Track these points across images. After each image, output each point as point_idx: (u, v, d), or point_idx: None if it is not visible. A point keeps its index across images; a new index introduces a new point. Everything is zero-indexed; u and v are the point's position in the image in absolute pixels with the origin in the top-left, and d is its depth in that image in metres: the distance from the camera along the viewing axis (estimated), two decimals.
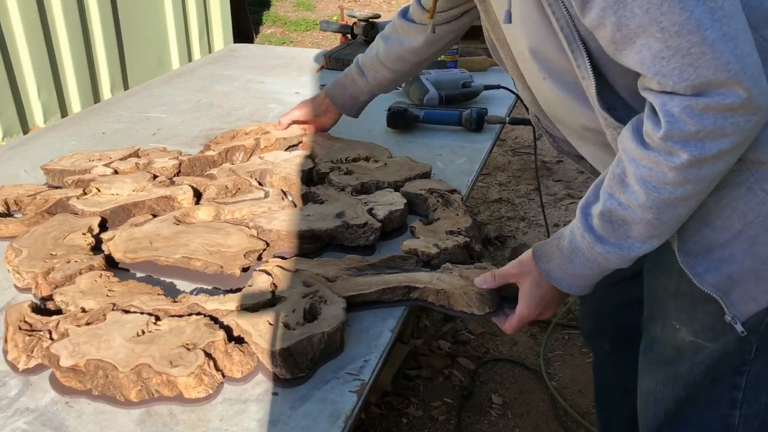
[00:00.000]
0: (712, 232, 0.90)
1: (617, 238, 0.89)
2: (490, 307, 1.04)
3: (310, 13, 7.37)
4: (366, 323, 1.03)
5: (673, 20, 0.72)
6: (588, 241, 0.91)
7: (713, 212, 0.89)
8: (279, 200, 1.33)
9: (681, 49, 0.73)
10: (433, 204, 1.33)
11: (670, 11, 0.71)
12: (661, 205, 0.83)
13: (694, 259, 0.92)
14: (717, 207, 0.88)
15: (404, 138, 1.79)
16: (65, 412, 0.86)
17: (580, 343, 2.36)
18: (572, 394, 2.13)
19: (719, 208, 0.88)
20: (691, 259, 0.92)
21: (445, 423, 2.01)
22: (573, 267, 0.94)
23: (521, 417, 2.04)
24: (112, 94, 3.44)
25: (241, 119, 1.95)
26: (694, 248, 0.92)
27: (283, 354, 0.89)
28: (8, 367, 0.94)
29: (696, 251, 0.91)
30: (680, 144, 0.77)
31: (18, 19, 2.91)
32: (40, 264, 1.11)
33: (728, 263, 0.89)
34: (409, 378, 2.19)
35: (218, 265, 1.12)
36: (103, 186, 1.38)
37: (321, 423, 0.85)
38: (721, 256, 0.90)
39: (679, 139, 0.77)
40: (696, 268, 0.92)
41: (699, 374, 0.99)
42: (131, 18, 3.60)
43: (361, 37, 2.61)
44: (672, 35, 0.72)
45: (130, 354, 0.88)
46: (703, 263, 0.91)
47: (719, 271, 0.90)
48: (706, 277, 0.91)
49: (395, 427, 2.00)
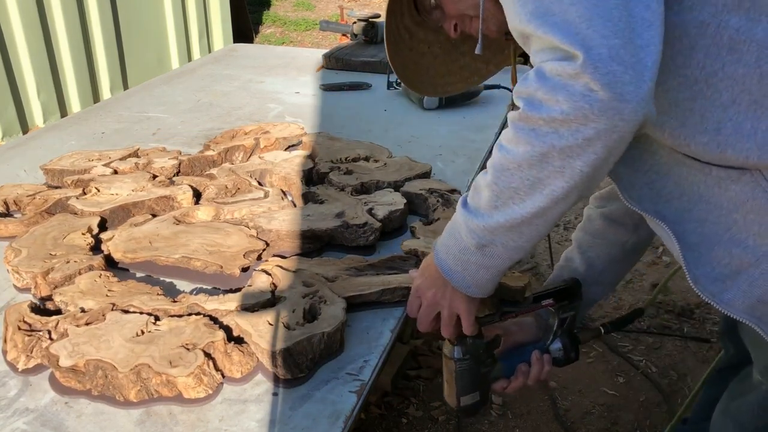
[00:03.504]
0: (743, 252, 0.86)
1: (472, 204, 0.86)
2: (489, 309, 1.04)
3: (310, 13, 7.37)
4: (366, 323, 1.03)
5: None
6: (458, 206, 0.90)
7: (743, 230, 0.85)
8: (279, 200, 1.33)
9: (546, 8, 0.72)
10: (433, 204, 1.33)
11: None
12: (498, 166, 0.80)
13: (721, 284, 0.88)
14: (745, 223, 0.85)
15: (404, 138, 1.79)
16: (65, 413, 0.86)
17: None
18: (572, 394, 2.13)
19: (747, 223, 0.85)
20: (716, 285, 0.88)
21: (445, 423, 2.01)
22: (446, 234, 0.92)
23: (521, 417, 2.04)
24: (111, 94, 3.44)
25: (241, 119, 1.95)
26: (722, 273, 0.88)
27: (283, 354, 0.89)
28: (8, 367, 0.94)
29: (724, 276, 0.88)
30: (522, 100, 0.76)
31: (18, 19, 2.91)
32: (40, 264, 1.11)
33: (759, 285, 0.86)
34: (409, 378, 2.18)
35: (218, 265, 1.12)
36: (103, 186, 1.38)
37: (321, 423, 0.84)
38: (752, 276, 0.86)
39: (524, 94, 0.76)
40: (723, 295, 0.88)
41: (746, 411, 0.98)
42: (131, 18, 3.59)
43: (361, 37, 2.61)
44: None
45: (129, 354, 0.88)
46: (732, 288, 0.87)
47: (749, 294, 0.87)
48: (735, 303, 0.87)
49: (395, 427, 1.99)
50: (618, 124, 0.70)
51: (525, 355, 1.07)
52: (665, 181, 0.89)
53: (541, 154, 0.75)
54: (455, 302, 0.94)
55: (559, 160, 0.74)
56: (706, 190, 0.86)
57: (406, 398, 2.10)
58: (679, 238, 0.89)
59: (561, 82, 0.70)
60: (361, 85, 2.23)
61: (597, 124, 0.70)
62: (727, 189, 0.84)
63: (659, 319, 2.46)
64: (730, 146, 0.79)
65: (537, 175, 0.76)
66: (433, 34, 1.15)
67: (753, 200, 0.83)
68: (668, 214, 0.90)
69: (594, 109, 0.69)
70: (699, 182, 0.86)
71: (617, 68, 0.68)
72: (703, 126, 0.80)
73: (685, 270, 0.90)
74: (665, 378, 2.17)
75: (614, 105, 0.69)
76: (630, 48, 0.69)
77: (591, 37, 0.68)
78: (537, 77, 0.73)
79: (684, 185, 0.88)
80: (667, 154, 0.88)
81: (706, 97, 0.79)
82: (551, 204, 0.78)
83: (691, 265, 0.89)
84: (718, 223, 0.87)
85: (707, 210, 0.87)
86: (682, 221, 0.89)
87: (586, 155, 0.73)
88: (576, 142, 0.72)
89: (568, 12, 0.70)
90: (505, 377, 1.06)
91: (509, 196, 0.80)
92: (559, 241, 2.90)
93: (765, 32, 0.75)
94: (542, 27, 0.72)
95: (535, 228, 0.81)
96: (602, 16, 0.69)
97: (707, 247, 0.88)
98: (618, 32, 0.69)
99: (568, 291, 1.08)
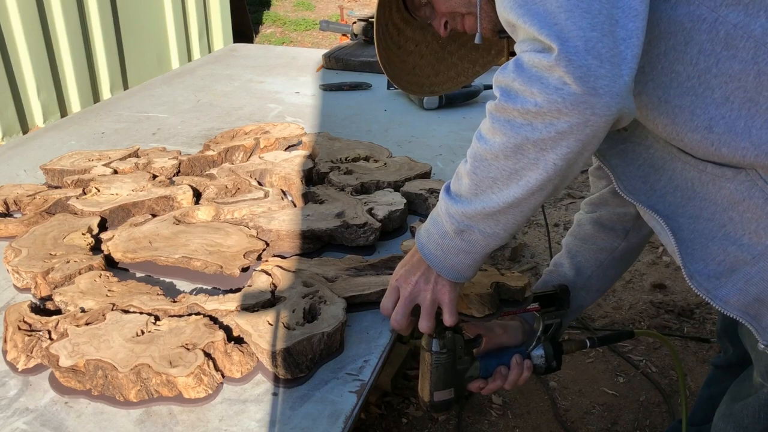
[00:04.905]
0: (738, 249, 0.86)
1: (454, 190, 0.86)
2: (489, 309, 1.04)
3: (310, 13, 7.37)
4: (366, 323, 1.03)
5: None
6: (441, 192, 0.90)
7: (738, 228, 0.85)
8: (279, 200, 1.33)
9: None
10: (433, 204, 1.33)
11: None
12: (476, 156, 0.80)
13: (716, 281, 0.88)
14: (741, 221, 0.85)
15: (404, 138, 1.79)
16: (64, 412, 0.86)
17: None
18: (572, 394, 2.13)
19: (744, 221, 0.84)
20: (711, 282, 0.88)
21: (445, 423, 2.01)
22: (429, 221, 0.92)
23: (521, 417, 2.04)
24: (111, 94, 3.44)
25: (241, 119, 1.95)
26: (717, 269, 0.88)
27: (283, 354, 0.89)
28: (7, 367, 0.94)
29: (719, 272, 0.87)
30: (500, 89, 0.76)
31: (18, 19, 2.90)
32: (40, 264, 1.11)
33: (755, 283, 0.85)
34: (409, 378, 2.18)
35: (218, 265, 1.12)
36: (103, 186, 1.38)
37: (321, 423, 0.84)
38: (747, 274, 0.86)
39: (502, 84, 0.75)
40: (718, 291, 0.87)
41: (747, 415, 0.97)
42: (131, 18, 3.59)
43: (361, 37, 2.61)
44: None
45: (129, 354, 0.88)
46: (727, 285, 0.87)
47: (744, 293, 0.86)
48: (730, 301, 0.87)
49: (395, 427, 2.00)
50: (590, 119, 0.69)
51: (505, 358, 1.07)
52: (659, 175, 0.89)
53: (516, 145, 0.75)
54: (438, 289, 0.92)
55: (534, 152, 0.74)
56: (701, 187, 0.86)
57: (406, 398, 2.10)
58: (675, 233, 0.89)
59: (536, 73, 0.70)
60: (361, 85, 2.23)
61: (570, 117, 0.70)
62: (722, 187, 0.84)
63: (659, 319, 2.46)
64: (725, 144, 0.79)
65: (513, 166, 0.76)
66: (420, 32, 1.14)
67: (750, 199, 0.83)
68: (662, 209, 0.90)
69: (567, 103, 0.69)
70: (693, 178, 0.86)
71: (592, 62, 0.67)
72: (694, 123, 0.79)
73: (680, 265, 0.89)
74: (665, 378, 2.17)
75: (586, 99, 0.68)
76: (608, 41, 0.68)
77: (568, 28, 0.68)
78: (515, 67, 0.73)
79: (678, 181, 0.88)
80: (662, 149, 0.87)
81: (697, 94, 0.78)
82: (527, 195, 0.78)
83: (686, 260, 0.89)
84: (712, 220, 0.86)
85: (701, 206, 0.87)
86: (676, 216, 0.89)
87: (560, 148, 0.73)
88: (549, 135, 0.72)
89: (549, 2, 0.70)
90: (482, 378, 1.06)
91: (488, 185, 0.80)
92: (559, 241, 2.90)
93: (763, 28, 0.74)
94: (524, 16, 0.71)
95: (512, 217, 0.81)
96: (582, 8, 0.68)
97: (702, 243, 0.88)
98: (597, 25, 0.68)
99: (555, 297, 1.08)
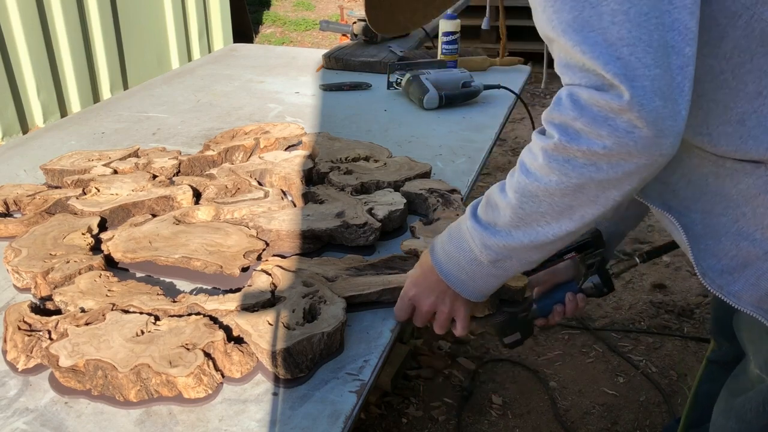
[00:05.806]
0: (750, 245, 0.86)
1: (487, 219, 0.86)
2: (489, 309, 1.04)
3: (310, 13, 7.37)
4: (366, 323, 1.03)
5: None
6: (466, 217, 0.89)
7: (751, 223, 0.85)
8: (279, 200, 1.33)
9: (585, 21, 0.69)
10: (433, 204, 1.33)
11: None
12: (525, 192, 0.80)
13: (728, 276, 0.88)
14: (754, 216, 0.85)
15: (404, 138, 1.79)
16: (64, 413, 0.86)
17: (581, 343, 2.35)
18: (572, 394, 2.13)
19: (756, 217, 0.85)
20: (724, 277, 0.88)
21: (445, 423, 2.01)
22: (449, 244, 0.91)
23: (521, 417, 2.04)
24: (111, 93, 3.44)
25: (241, 119, 1.95)
26: (729, 265, 0.88)
27: (283, 354, 0.89)
28: (7, 367, 0.94)
29: (732, 268, 0.88)
30: (556, 127, 0.75)
31: (18, 19, 2.90)
32: (40, 264, 1.10)
33: (767, 278, 0.86)
34: (409, 378, 2.19)
35: (218, 265, 1.12)
36: (103, 186, 1.38)
37: (321, 423, 0.84)
38: (759, 269, 0.86)
39: (558, 122, 0.74)
40: (730, 287, 0.88)
41: (750, 409, 0.97)
42: (131, 18, 3.59)
43: (361, 37, 2.61)
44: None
45: (129, 354, 0.88)
46: (740, 280, 0.87)
47: (757, 287, 0.86)
48: (743, 296, 0.87)
49: (395, 427, 1.99)
50: (658, 159, 0.71)
51: (559, 295, 1.14)
52: (672, 170, 0.89)
53: (577, 185, 0.75)
54: (455, 306, 0.95)
55: (595, 191, 0.75)
56: (716, 182, 0.86)
57: (406, 398, 2.10)
58: (686, 229, 0.89)
59: (603, 115, 0.70)
60: (361, 85, 2.23)
61: (639, 159, 0.71)
62: (738, 182, 0.84)
63: (659, 319, 2.46)
64: (753, 138, 0.79)
65: (569, 203, 0.77)
66: None
67: (765, 194, 0.83)
68: (674, 205, 0.91)
69: (638, 146, 0.70)
70: (709, 173, 0.86)
71: (659, 103, 0.68)
72: (727, 116, 0.80)
73: (692, 262, 0.90)
74: (665, 378, 2.17)
75: (657, 141, 0.70)
76: (668, 76, 0.68)
77: (633, 66, 0.67)
78: (573, 105, 0.72)
79: (692, 176, 0.88)
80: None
81: (731, 88, 0.79)
82: (580, 228, 0.79)
83: (698, 257, 0.89)
84: (725, 215, 0.87)
85: (714, 202, 0.87)
86: (689, 212, 0.90)
87: (623, 186, 0.74)
88: (616, 175, 0.73)
89: (608, 31, 0.68)
90: (543, 317, 1.14)
91: (535, 219, 0.81)
92: None
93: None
94: (582, 45, 0.69)
95: (557, 246, 0.82)
96: (644, 41, 0.67)
97: (714, 238, 0.88)
98: (658, 59, 0.68)
99: (589, 243, 1.13)
